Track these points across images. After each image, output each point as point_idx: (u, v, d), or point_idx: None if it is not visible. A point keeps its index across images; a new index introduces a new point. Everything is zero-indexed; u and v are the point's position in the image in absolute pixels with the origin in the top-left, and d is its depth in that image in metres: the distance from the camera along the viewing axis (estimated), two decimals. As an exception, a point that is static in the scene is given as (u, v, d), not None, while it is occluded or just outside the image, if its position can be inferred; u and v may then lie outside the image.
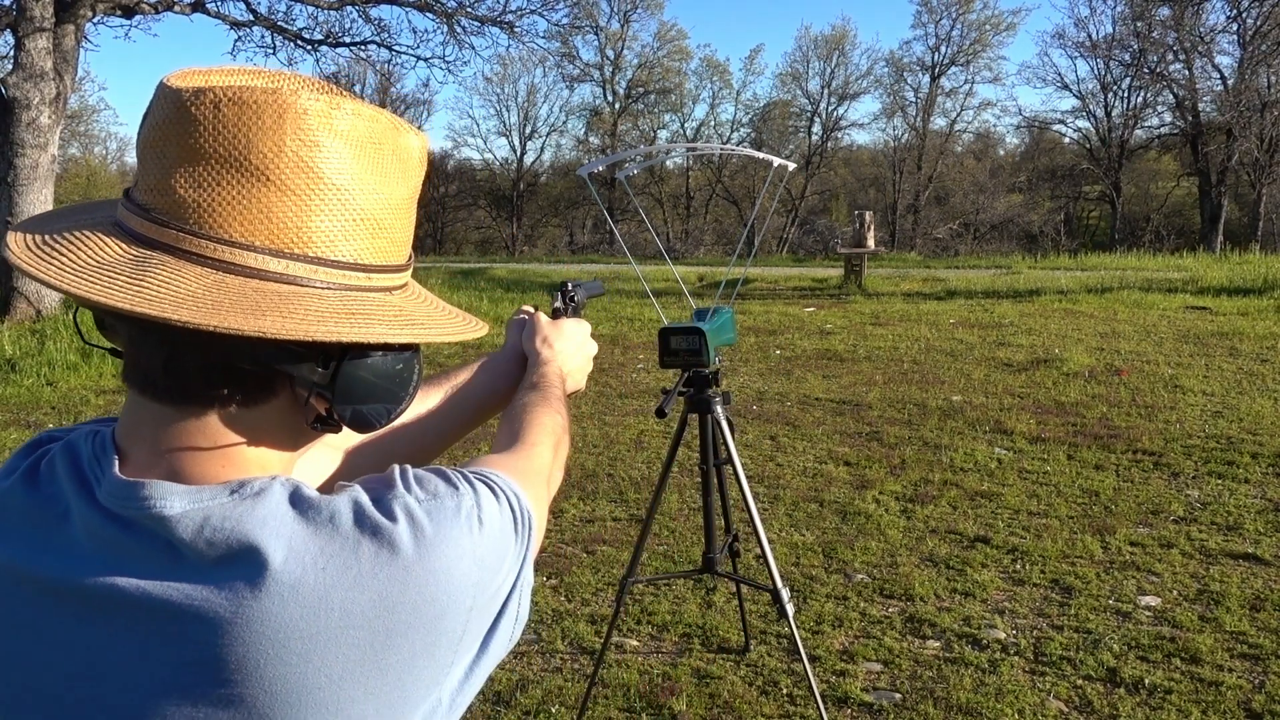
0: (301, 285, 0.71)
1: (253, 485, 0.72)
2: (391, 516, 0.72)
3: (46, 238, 0.72)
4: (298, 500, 0.72)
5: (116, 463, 0.73)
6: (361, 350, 0.73)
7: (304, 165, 0.71)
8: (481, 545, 0.75)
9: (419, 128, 0.81)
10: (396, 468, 0.77)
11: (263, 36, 13.83)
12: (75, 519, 0.73)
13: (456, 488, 0.76)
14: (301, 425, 0.77)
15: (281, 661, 0.68)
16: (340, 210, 0.73)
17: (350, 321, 0.71)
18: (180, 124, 0.71)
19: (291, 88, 0.73)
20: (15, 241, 0.72)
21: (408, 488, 0.75)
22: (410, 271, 0.82)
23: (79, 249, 0.71)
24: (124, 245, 0.71)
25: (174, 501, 0.70)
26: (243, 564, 0.69)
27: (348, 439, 1.08)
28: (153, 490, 0.71)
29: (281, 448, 0.78)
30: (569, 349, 1.30)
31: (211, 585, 0.68)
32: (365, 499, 0.73)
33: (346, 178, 0.73)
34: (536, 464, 0.96)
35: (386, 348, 0.75)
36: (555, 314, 1.42)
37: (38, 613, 0.72)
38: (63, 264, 0.69)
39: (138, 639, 0.70)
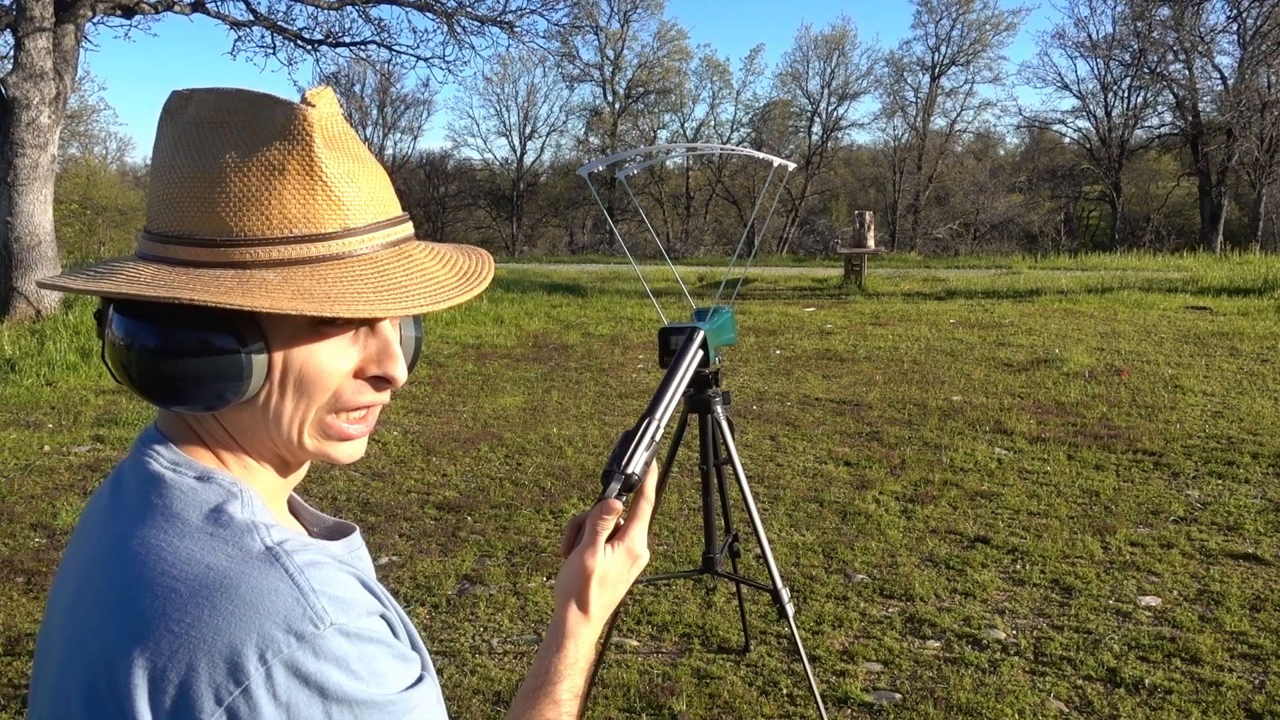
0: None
1: (217, 482, 0.78)
2: (258, 554, 0.73)
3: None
4: (218, 509, 0.76)
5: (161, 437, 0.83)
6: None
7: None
8: (280, 651, 0.69)
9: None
10: (326, 549, 0.81)
11: (262, 36, 13.83)
12: (109, 484, 0.84)
13: (339, 609, 0.72)
14: (281, 425, 0.81)
15: (100, 595, 0.74)
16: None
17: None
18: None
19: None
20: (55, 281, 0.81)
21: (312, 564, 0.74)
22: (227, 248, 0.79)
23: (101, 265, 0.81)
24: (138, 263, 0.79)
25: (158, 463, 0.79)
26: (135, 524, 0.75)
27: None
28: (153, 449, 0.80)
29: (267, 442, 0.82)
30: (611, 603, 1.01)
31: (112, 531, 0.77)
32: (258, 539, 0.74)
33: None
34: None
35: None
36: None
37: (66, 558, 0.84)
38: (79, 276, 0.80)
39: (80, 565, 0.80)
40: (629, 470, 0.98)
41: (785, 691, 3.10)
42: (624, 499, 1.00)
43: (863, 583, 3.87)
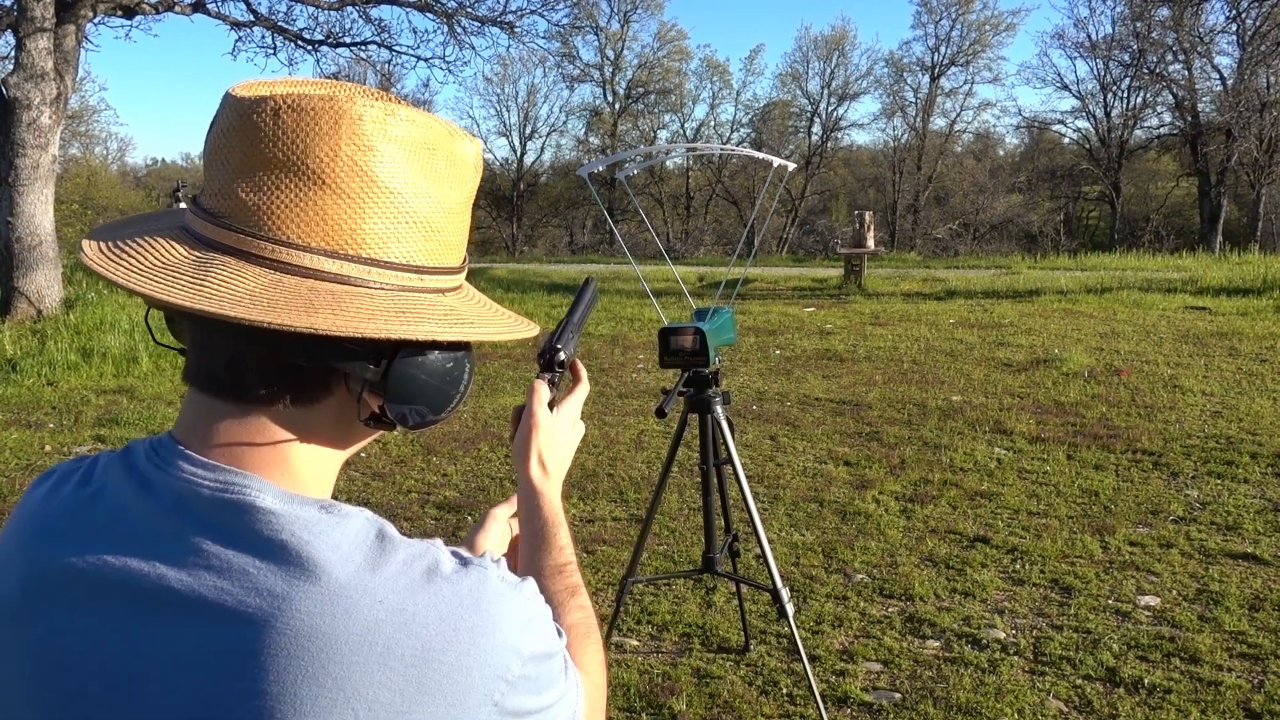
0: (354, 285, 0.74)
1: (342, 509, 0.74)
2: (462, 571, 0.73)
3: (117, 243, 0.76)
4: (380, 535, 0.73)
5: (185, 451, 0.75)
6: (413, 349, 0.76)
7: (358, 169, 0.74)
8: (526, 644, 0.74)
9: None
10: (494, 553, 0.79)
11: (263, 37, 13.84)
12: (133, 513, 0.74)
13: (534, 598, 0.77)
14: (354, 424, 0.79)
15: (316, 682, 0.67)
16: (393, 213, 0.75)
17: (400, 319, 0.73)
18: (242, 131, 0.74)
19: (347, 95, 0.76)
20: (89, 248, 0.76)
21: (496, 562, 0.76)
22: (464, 274, 0.85)
23: (146, 252, 0.74)
24: (188, 248, 0.74)
25: (267, 497, 0.72)
26: (306, 576, 0.69)
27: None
28: (247, 480, 0.73)
29: (333, 445, 0.80)
30: (562, 460, 1.09)
31: (267, 589, 0.69)
32: (445, 554, 0.75)
33: (400, 181, 0.75)
34: (589, 685, 0.94)
35: (435, 345, 0.77)
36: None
37: (89, 613, 0.72)
38: (130, 265, 0.73)
39: (183, 633, 0.70)
40: (558, 345, 1.11)
41: (785, 691, 3.10)
42: (558, 376, 1.12)
43: (862, 582, 3.88)
